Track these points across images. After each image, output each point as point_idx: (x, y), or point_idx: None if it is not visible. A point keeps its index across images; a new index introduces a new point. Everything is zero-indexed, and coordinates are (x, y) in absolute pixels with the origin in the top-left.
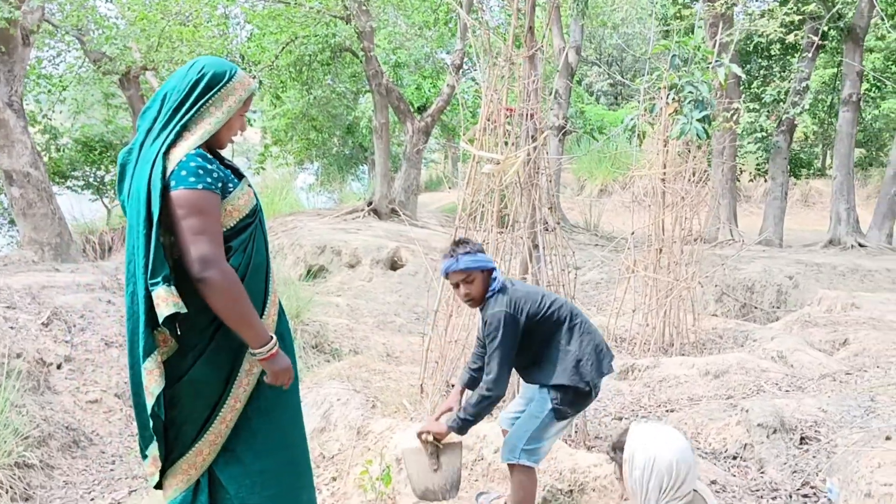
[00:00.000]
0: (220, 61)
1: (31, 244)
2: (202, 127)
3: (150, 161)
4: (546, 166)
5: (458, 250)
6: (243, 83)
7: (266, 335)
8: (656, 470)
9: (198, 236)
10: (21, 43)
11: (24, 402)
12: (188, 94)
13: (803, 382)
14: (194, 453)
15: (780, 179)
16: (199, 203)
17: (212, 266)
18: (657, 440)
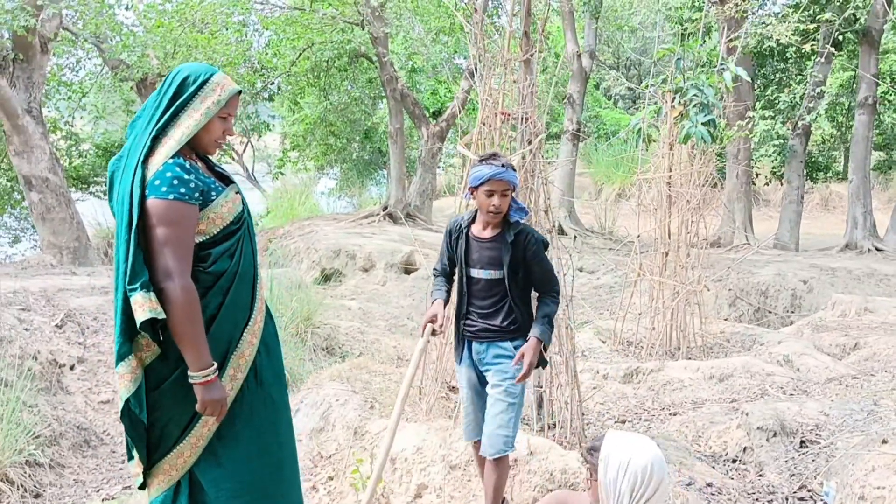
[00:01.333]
0: (197, 66)
1: (50, 248)
2: (179, 130)
3: (131, 169)
4: (542, 170)
5: (503, 161)
6: (222, 84)
7: (208, 361)
8: (630, 471)
9: (163, 247)
10: (39, 51)
11: (37, 402)
12: (164, 100)
13: (809, 386)
14: (175, 455)
15: (796, 183)
16: (168, 214)
17: (171, 279)
18: (633, 445)
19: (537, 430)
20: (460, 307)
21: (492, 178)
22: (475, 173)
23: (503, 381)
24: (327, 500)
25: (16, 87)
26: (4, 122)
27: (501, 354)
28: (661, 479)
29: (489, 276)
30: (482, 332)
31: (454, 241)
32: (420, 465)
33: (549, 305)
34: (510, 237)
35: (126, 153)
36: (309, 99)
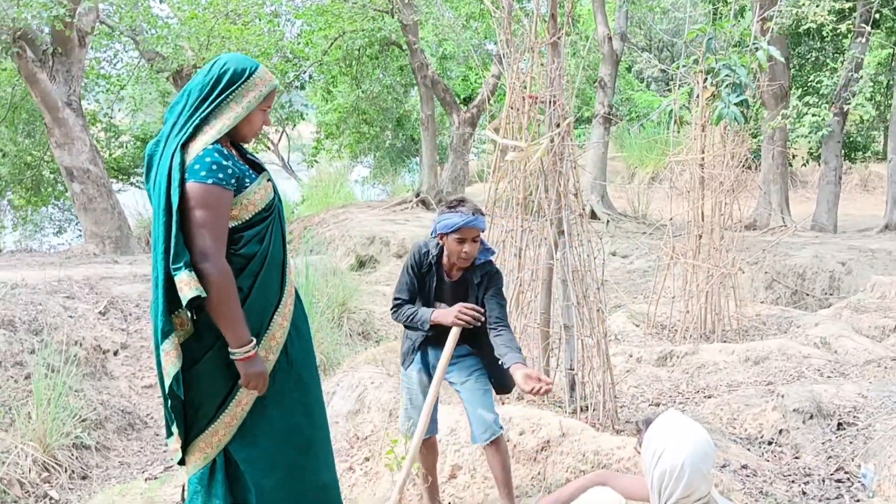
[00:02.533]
0: (242, 58)
1: (92, 238)
2: (221, 121)
3: (170, 153)
4: (571, 153)
5: (473, 207)
6: (263, 79)
7: (247, 338)
8: (660, 466)
9: (200, 229)
10: (77, 44)
11: (83, 386)
12: (209, 90)
13: (846, 368)
14: (210, 433)
15: (834, 164)
16: (207, 198)
17: (208, 260)
18: (677, 437)
19: (570, 412)
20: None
21: (463, 227)
22: (444, 221)
23: (472, 373)
24: (364, 480)
25: (56, 81)
26: (45, 114)
27: (459, 354)
28: (693, 479)
29: None
30: (443, 337)
31: (423, 275)
32: (454, 447)
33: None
34: (476, 278)
35: (164, 137)
36: (341, 88)
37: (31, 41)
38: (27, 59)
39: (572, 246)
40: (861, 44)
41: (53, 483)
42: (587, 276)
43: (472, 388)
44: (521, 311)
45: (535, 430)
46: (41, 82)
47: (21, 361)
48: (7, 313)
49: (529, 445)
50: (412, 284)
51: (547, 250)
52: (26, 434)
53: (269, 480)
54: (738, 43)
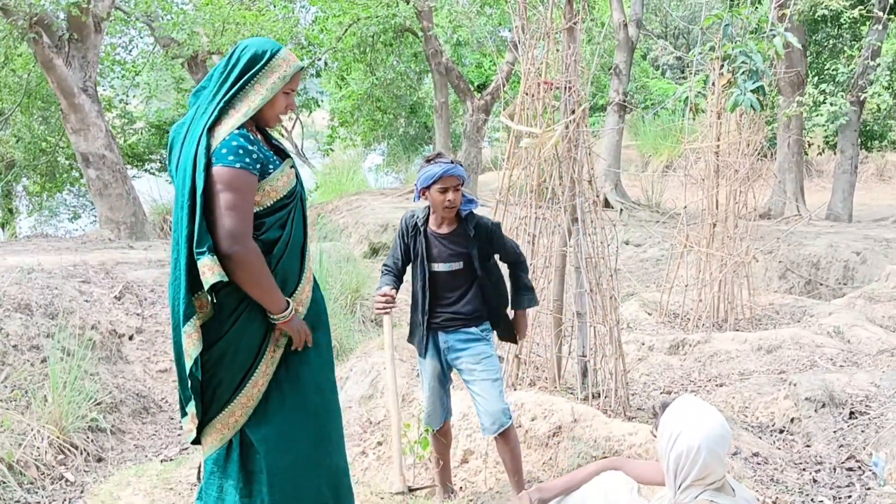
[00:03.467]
0: (264, 41)
1: (107, 223)
2: (246, 104)
3: (195, 137)
4: (585, 140)
5: (452, 158)
6: (287, 60)
7: (283, 303)
8: (676, 448)
9: (229, 211)
10: (93, 30)
11: (98, 370)
12: (232, 73)
13: (859, 358)
14: (227, 414)
15: (850, 153)
16: (234, 181)
17: (238, 242)
18: (693, 420)
19: (581, 398)
20: (423, 303)
21: (443, 175)
22: (426, 173)
23: (481, 361)
24: (376, 464)
25: (71, 67)
26: (62, 100)
27: (469, 339)
28: (707, 463)
29: (450, 268)
30: (447, 320)
31: (411, 238)
32: (466, 432)
33: (523, 274)
34: (471, 230)
35: (189, 121)
36: (355, 75)
37: (47, 27)
38: (43, 45)
39: (586, 233)
40: (878, 31)
41: (69, 465)
42: (600, 263)
43: (481, 378)
44: None
45: (546, 416)
46: (57, 68)
47: (37, 345)
48: (23, 297)
49: (541, 431)
50: (398, 252)
51: (560, 237)
52: (42, 417)
53: (285, 459)
54: (755, 30)
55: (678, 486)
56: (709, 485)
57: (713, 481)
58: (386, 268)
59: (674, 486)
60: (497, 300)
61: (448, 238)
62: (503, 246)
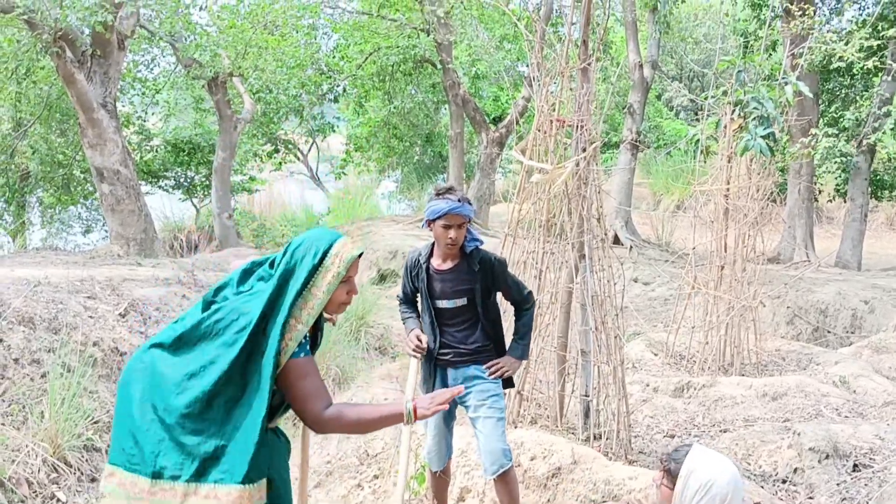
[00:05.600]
0: (316, 236)
1: (117, 239)
2: (306, 312)
3: (267, 360)
4: (595, 178)
5: (459, 195)
6: (340, 255)
7: (399, 414)
8: (711, 494)
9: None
10: (117, 47)
11: (97, 388)
12: (289, 284)
13: (864, 409)
14: None
15: (860, 201)
16: (305, 367)
17: (318, 424)
18: (720, 467)
19: (583, 439)
20: (433, 339)
21: (448, 213)
22: (432, 207)
23: (487, 399)
24: (371, 498)
25: (92, 82)
26: (80, 114)
27: (477, 376)
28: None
29: (454, 304)
30: (455, 357)
31: (414, 276)
32: (464, 469)
33: (526, 318)
34: (475, 266)
35: (248, 326)
36: (373, 102)
37: (71, 42)
38: (66, 59)
39: (593, 271)
40: (889, 82)
41: (62, 484)
42: (606, 301)
43: (486, 416)
44: (539, 333)
45: (546, 457)
46: (78, 83)
47: (38, 359)
48: (28, 311)
49: (540, 471)
50: (406, 286)
51: (567, 273)
52: (38, 433)
53: None
54: (768, 76)
55: None
56: None
57: None
58: (399, 298)
59: None
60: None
61: (451, 273)
62: (506, 282)
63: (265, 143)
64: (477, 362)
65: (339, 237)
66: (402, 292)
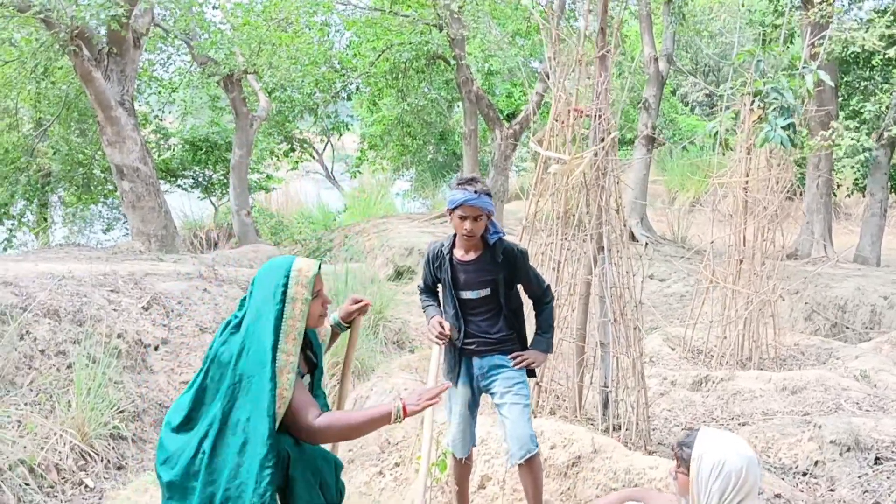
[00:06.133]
0: (271, 270)
1: (138, 235)
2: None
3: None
4: (614, 168)
5: (477, 187)
6: (300, 282)
7: (388, 414)
8: (724, 472)
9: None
10: (132, 45)
11: (122, 379)
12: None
13: (886, 403)
14: None
15: (880, 196)
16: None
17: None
18: (730, 445)
19: (602, 430)
20: (457, 329)
21: (464, 204)
22: (451, 196)
23: (513, 386)
24: (393, 485)
25: (110, 81)
26: (98, 113)
27: (502, 364)
28: (753, 483)
29: (478, 295)
30: (481, 345)
31: (437, 267)
32: (484, 457)
33: (547, 312)
34: (498, 257)
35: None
36: (387, 100)
37: (87, 40)
38: (83, 58)
39: (612, 262)
40: None
41: (89, 471)
42: (625, 293)
43: (512, 402)
44: (558, 325)
45: (566, 445)
46: (96, 81)
47: (63, 351)
48: (53, 303)
49: (560, 460)
50: (427, 276)
51: (586, 265)
52: (66, 422)
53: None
54: (788, 67)
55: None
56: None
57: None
58: (420, 288)
59: None
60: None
61: (474, 264)
62: (527, 275)
63: (281, 141)
64: (501, 352)
65: (291, 265)
66: (422, 283)
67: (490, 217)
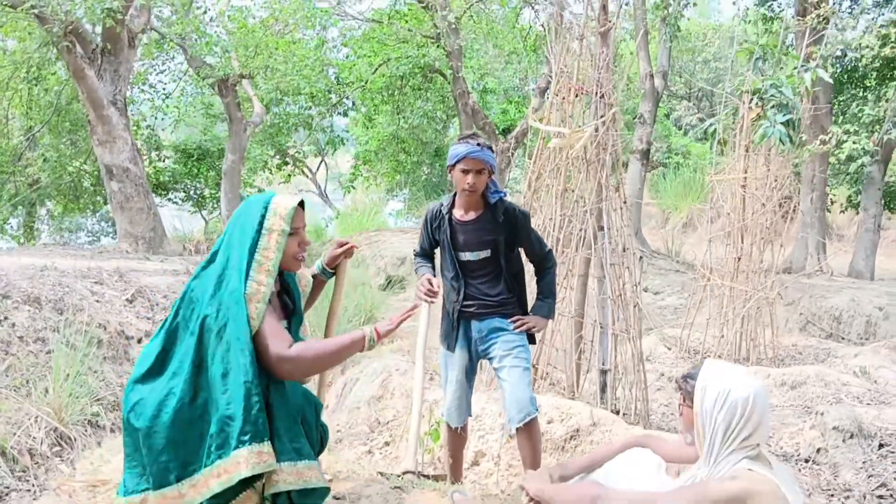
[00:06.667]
0: (250, 206)
1: (126, 237)
2: (264, 273)
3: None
4: (614, 143)
5: (480, 141)
6: (279, 213)
7: (359, 340)
8: (730, 402)
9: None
10: (127, 45)
11: (103, 368)
12: (241, 247)
13: (887, 398)
14: None
15: (873, 211)
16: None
17: (281, 364)
18: (736, 375)
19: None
20: (456, 291)
21: (467, 157)
22: (453, 151)
23: (513, 349)
24: (383, 463)
25: (103, 80)
26: (90, 111)
27: (502, 328)
28: (762, 415)
29: (478, 257)
30: (481, 308)
31: (435, 228)
32: (479, 433)
33: (549, 277)
34: (500, 217)
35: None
36: (383, 117)
37: (81, 37)
38: (76, 55)
39: (611, 239)
40: None
41: (64, 457)
42: (625, 273)
43: (512, 366)
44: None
45: (564, 420)
46: (88, 78)
47: (43, 338)
48: (34, 291)
49: (558, 434)
50: (425, 242)
51: (585, 243)
52: (41, 407)
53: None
54: (786, 64)
55: (726, 447)
56: (749, 451)
57: (755, 444)
58: (416, 251)
59: (718, 450)
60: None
61: (474, 224)
62: (529, 237)
63: (274, 154)
64: (502, 315)
65: (272, 196)
66: (419, 246)
67: (492, 174)
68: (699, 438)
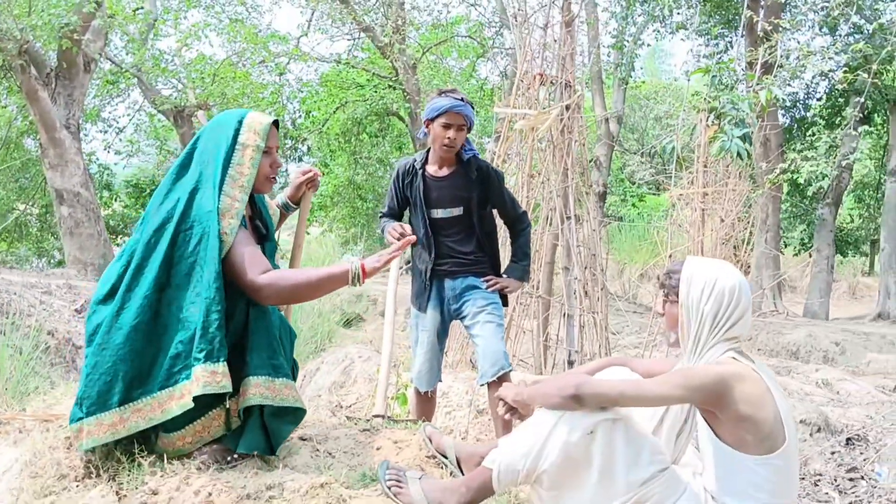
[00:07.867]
0: (224, 119)
1: (75, 263)
2: (238, 189)
3: (210, 237)
4: (580, 127)
5: (463, 96)
6: (253, 128)
7: (343, 274)
8: (717, 290)
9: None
10: (82, 69)
11: (50, 374)
12: (215, 160)
13: (850, 408)
14: None
15: (826, 252)
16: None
17: (256, 290)
18: (719, 265)
19: None
20: (428, 249)
21: (449, 110)
22: (433, 105)
23: (486, 306)
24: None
25: (56, 103)
26: (42, 134)
27: (475, 286)
28: (748, 304)
29: (450, 214)
30: (454, 266)
31: (407, 184)
32: (446, 409)
33: (523, 239)
34: (472, 173)
35: (189, 216)
36: (340, 161)
37: (35, 58)
38: (30, 75)
39: (579, 221)
40: (852, 135)
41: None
42: (592, 257)
43: (485, 321)
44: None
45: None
46: (42, 100)
47: None
48: None
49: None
50: (393, 198)
51: (552, 225)
52: None
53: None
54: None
55: (713, 337)
56: (734, 343)
57: (738, 335)
58: (384, 213)
59: (705, 340)
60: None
61: (447, 181)
62: (501, 196)
63: None
64: (475, 273)
65: (245, 113)
66: (386, 206)
67: (469, 130)
68: (684, 332)
